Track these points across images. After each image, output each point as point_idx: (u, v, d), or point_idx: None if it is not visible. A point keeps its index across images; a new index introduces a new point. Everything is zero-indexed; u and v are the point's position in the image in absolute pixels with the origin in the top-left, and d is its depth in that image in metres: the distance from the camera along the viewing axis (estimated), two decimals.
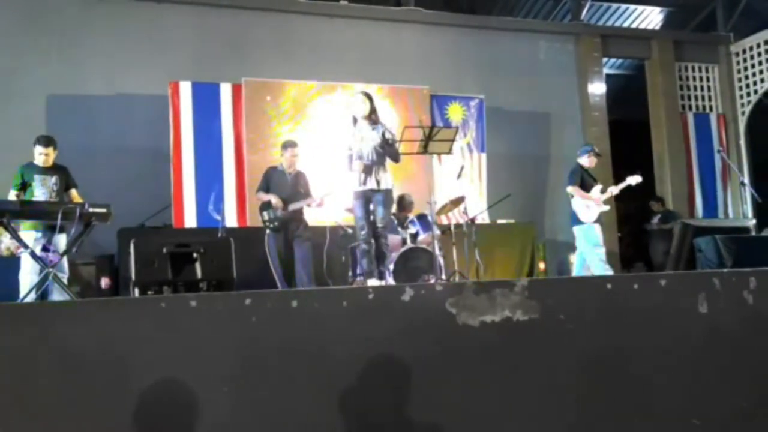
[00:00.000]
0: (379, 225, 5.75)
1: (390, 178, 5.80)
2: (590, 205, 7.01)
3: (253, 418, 2.54)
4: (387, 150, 5.73)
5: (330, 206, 7.11)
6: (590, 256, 6.93)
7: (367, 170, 5.66)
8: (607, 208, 7.11)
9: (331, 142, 8.73)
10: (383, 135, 5.72)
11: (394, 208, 7.70)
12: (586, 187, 7.11)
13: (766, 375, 3.17)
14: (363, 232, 5.68)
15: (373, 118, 5.80)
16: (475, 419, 2.78)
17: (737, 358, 3.15)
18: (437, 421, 2.73)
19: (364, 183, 5.66)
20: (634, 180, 7.18)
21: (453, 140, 5.91)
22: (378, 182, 5.69)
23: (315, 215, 7.79)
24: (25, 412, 2.35)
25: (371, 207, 5.74)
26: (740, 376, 3.13)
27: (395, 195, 7.75)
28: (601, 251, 6.90)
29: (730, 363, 3.13)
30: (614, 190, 7.16)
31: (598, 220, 7.00)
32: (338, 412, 2.62)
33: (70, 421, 2.39)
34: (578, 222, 7.02)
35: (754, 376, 3.15)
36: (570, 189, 7.14)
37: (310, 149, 8.55)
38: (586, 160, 7.29)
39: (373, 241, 5.73)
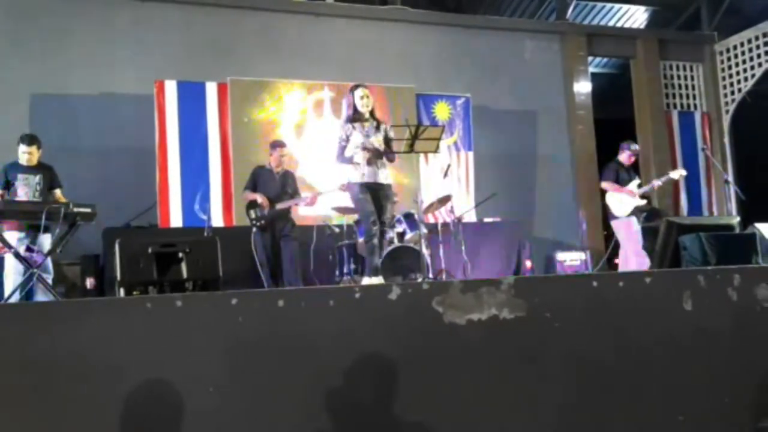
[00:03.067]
0: (388, 219, 5.65)
1: (389, 174, 5.73)
2: (623, 199, 7.19)
3: (239, 417, 2.54)
4: (387, 149, 5.64)
5: (317, 205, 7.10)
6: (626, 248, 7.15)
7: (373, 163, 5.56)
8: (643, 202, 7.25)
9: (318, 141, 8.73)
10: (386, 133, 5.68)
11: None
12: (621, 183, 7.29)
13: (749, 371, 3.20)
14: (375, 228, 5.45)
15: (374, 115, 5.74)
16: (462, 417, 2.78)
17: (722, 355, 3.18)
18: (424, 419, 2.73)
19: (370, 176, 5.55)
20: (677, 173, 7.41)
21: (439, 139, 5.86)
22: (385, 177, 5.62)
23: (302, 214, 7.78)
24: (9, 413, 2.33)
25: (377, 202, 5.55)
26: (725, 373, 3.16)
27: None
28: (638, 245, 7.08)
29: (714, 360, 3.16)
30: (655, 183, 7.35)
31: (633, 214, 7.18)
32: (325, 410, 2.62)
33: (55, 421, 2.37)
34: (613, 217, 7.25)
35: (738, 373, 3.18)
36: (603, 185, 7.36)
37: (296, 148, 8.54)
38: (625, 157, 7.43)
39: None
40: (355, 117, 5.66)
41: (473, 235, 8.16)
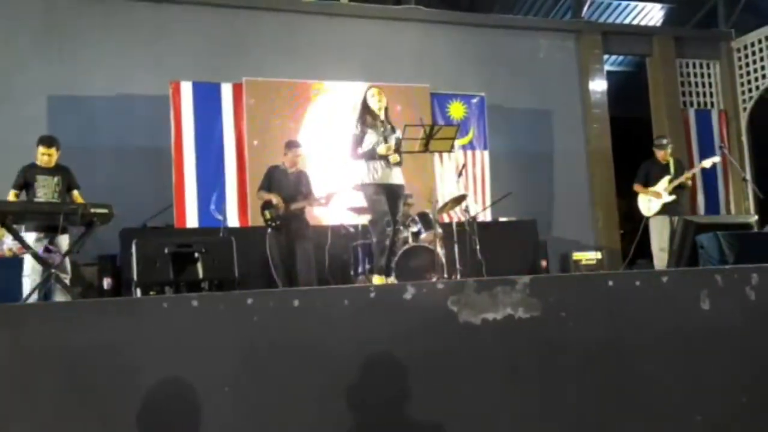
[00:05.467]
0: (401, 219, 5.63)
1: (401, 174, 5.71)
2: (650, 199, 7.35)
3: (255, 417, 2.55)
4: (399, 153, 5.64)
5: (332, 205, 7.11)
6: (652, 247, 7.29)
7: (388, 165, 5.53)
8: (670, 198, 7.29)
9: (333, 142, 8.75)
10: (396, 138, 5.67)
11: None
12: (651, 180, 7.42)
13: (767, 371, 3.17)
14: (389, 228, 5.45)
15: (387, 116, 5.71)
16: (477, 417, 2.78)
17: (739, 354, 3.15)
18: (439, 419, 2.73)
19: (383, 177, 5.51)
20: (709, 162, 7.50)
21: (454, 138, 5.87)
22: (397, 177, 5.61)
23: (317, 214, 7.79)
24: (27, 413, 2.35)
25: (391, 202, 5.55)
26: (742, 373, 3.13)
27: None
28: (655, 245, 7.25)
29: (732, 359, 3.13)
30: (685, 176, 7.37)
31: (663, 212, 7.27)
32: (340, 410, 2.62)
33: (72, 421, 2.39)
34: (645, 216, 7.40)
35: (755, 373, 3.15)
36: (634, 186, 7.56)
37: (311, 149, 8.55)
38: (656, 153, 7.59)
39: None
40: (369, 116, 5.65)
41: (488, 234, 8.14)
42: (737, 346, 3.16)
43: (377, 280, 5.48)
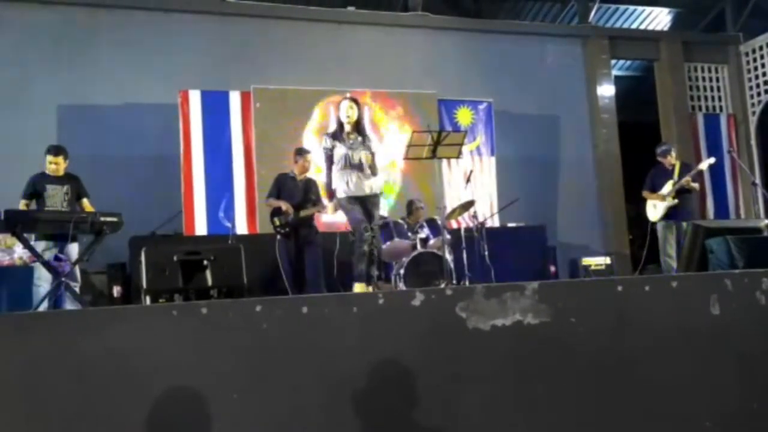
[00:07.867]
0: (375, 227, 5.65)
1: (377, 184, 5.73)
2: (654, 205, 7.48)
3: (264, 424, 2.55)
4: (371, 164, 5.65)
5: (339, 213, 7.11)
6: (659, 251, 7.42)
7: (358, 176, 5.59)
8: (673, 202, 7.37)
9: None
10: (370, 148, 5.69)
11: (400, 213, 7.71)
12: (656, 187, 7.54)
13: None
14: (367, 234, 5.55)
15: (359, 127, 5.70)
16: (486, 424, 2.77)
17: (750, 359, 3.14)
18: (448, 425, 2.72)
19: (355, 189, 5.56)
20: (705, 164, 7.63)
21: (461, 144, 5.88)
22: (370, 188, 5.63)
23: (326, 221, 7.80)
24: (38, 421, 2.36)
25: (366, 211, 5.59)
26: (753, 378, 3.11)
27: (404, 200, 7.78)
28: (663, 248, 7.37)
29: (742, 364, 3.12)
30: (684, 179, 7.40)
31: (667, 216, 7.38)
32: (349, 417, 2.62)
33: (81, 429, 2.40)
34: (651, 221, 7.56)
35: (766, 377, 3.13)
36: (642, 194, 7.71)
37: (319, 156, 8.56)
38: (661, 160, 7.67)
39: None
40: (338, 129, 5.70)
41: (497, 240, 8.12)
42: (748, 351, 3.14)
43: (358, 287, 5.48)
